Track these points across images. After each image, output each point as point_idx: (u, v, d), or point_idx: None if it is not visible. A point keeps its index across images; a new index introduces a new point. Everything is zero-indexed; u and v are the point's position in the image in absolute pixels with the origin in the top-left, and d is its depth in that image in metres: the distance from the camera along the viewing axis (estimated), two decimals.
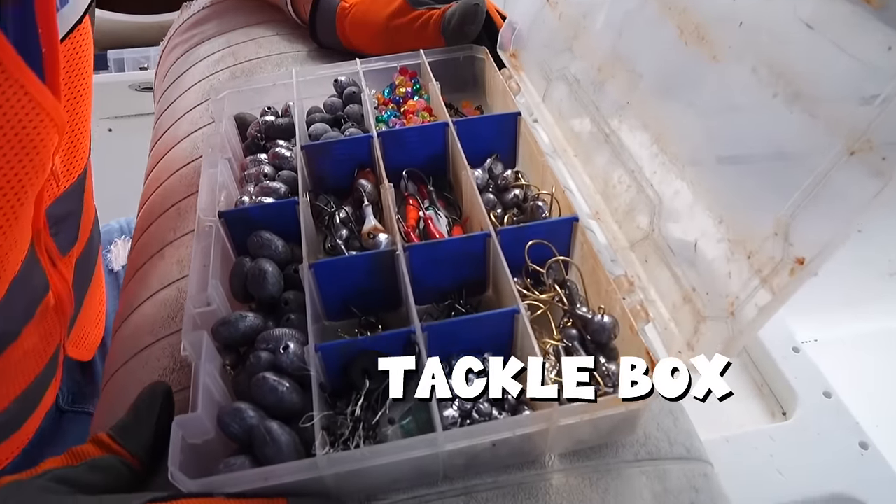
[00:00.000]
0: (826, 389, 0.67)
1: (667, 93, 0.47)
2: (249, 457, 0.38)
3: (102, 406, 0.54)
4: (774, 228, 0.37)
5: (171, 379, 0.50)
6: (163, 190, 0.68)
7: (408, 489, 0.40)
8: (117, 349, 0.56)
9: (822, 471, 0.61)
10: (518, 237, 0.47)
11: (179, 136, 0.72)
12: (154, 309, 0.56)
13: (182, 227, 0.62)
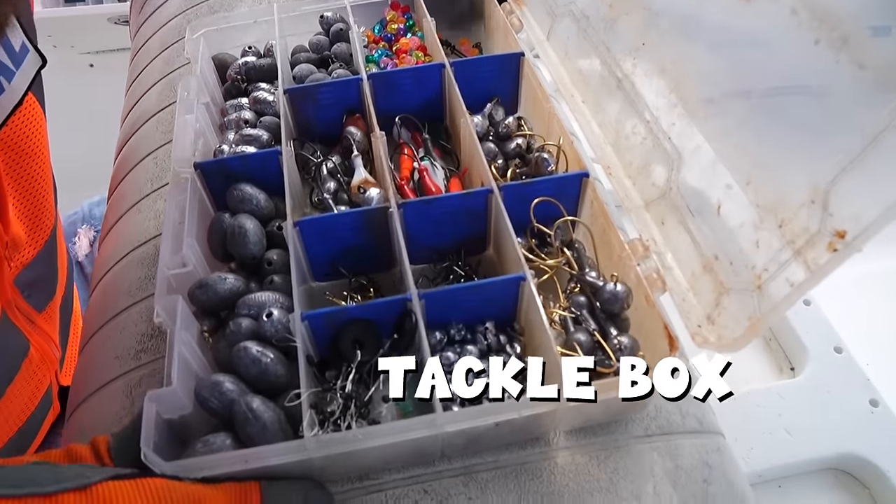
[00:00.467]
0: (837, 344, 0.65)
1: (689, 34, 0.43)
2: (231, 434, 0.36)
3: (79, 373, 0.51)
4: (811, 195, 0.33)
5: (148, 346, 0.47)
6: (138, 137, 0.63)
7: (403, 469, 0.38)
8: (94, 312, 0.53)
9: (831, 430, 0.59)
10: (522, 194, 0.43)
11: (155, 78, 0.67)
12: (130, 268, 0.52)
13: (159, 177, 0.58)
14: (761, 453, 0.59)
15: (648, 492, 0.38)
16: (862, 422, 0.61)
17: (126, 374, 0.46)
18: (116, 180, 0.63)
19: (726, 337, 0.36)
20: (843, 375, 0.64)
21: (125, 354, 0.47)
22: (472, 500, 0.37)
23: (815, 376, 0.64)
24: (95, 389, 0.47)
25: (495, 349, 0.39)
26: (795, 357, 0.67)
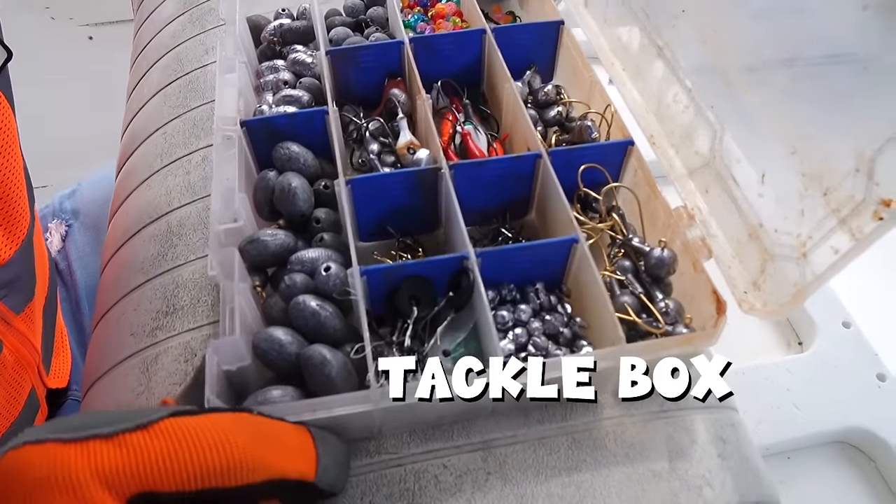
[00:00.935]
0: (845, 319, 0.68)
1: (730, 1, 0.44)
2: (292, 386, 0.37)
3: (94, 350, 0.51)
4: (856, 164, 0.35)
5: (163, 323, 0.47)
6: (146, 112, 0.63)
7: (422, 441, 0.39)
8: (107, 288, 0.53)
9: (838, 404, 0.62)
10: (569, 160, 0.44)
11: (161, 52, 0.67)
12: (142, 245, 0.53)
13: (169, 152, 0.57)
14: (769, 427, 0.61)
15: (665, 468, 0.40)
16: (869, 396, 0.63)
17: (142, 350, 0.47)
18: (125, 156, 0.63)
19: (772, 303, 0.38)
20: (850, 350, 0.66)
21: (140, 331, 0.48)
22: (490, 475, 0.38)
23: (822, 351, 0.67)
24: (111, 366, 0.48)
25: (547, 308, 0.41)
26: (803, 331, 0.70)
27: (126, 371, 0.45)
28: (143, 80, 0.66)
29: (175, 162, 0.56)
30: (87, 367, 0.51)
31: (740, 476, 0.40)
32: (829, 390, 0.63)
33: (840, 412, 0.62)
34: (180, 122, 0.58)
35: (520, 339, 0.39)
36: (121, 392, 0.45)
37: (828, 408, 0.62)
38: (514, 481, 0.38)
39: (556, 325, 0.39)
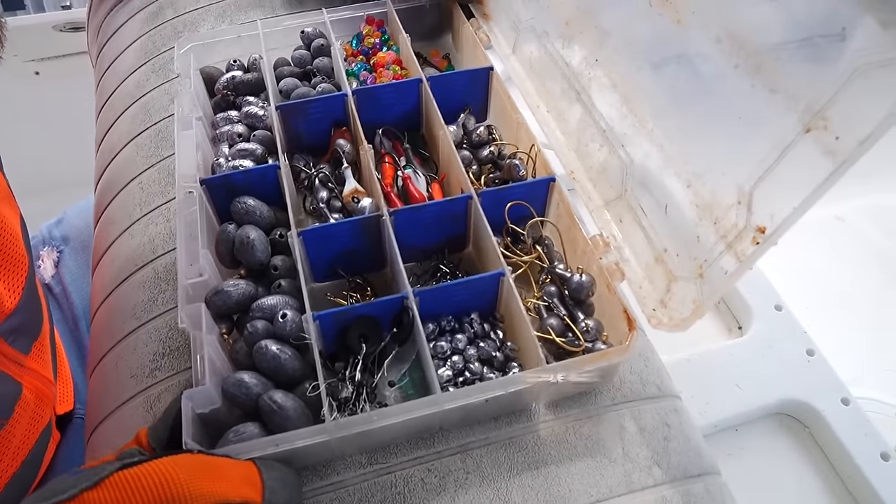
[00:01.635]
0: (777, 302, 0.74)
1: (634, 53, 0.50)
2: (257, 423, 0.42)
3: (94, 394, 0.55)
4: (738, 197, 0.41)
5: (161, 364, 0.52)
6: (119, 162, 0.67)
7: (408, 450, 0.44)
8: (100, 334, 0.57)
9: (775, 380, 0.68)
10: (498, 198, 0.50)
11: (127, 102, 0.71)
12: (132, 291, 0.57)
13: (148, 202, 0.62)
14: (716, 406, 0.68)
15: (619, 453, 0.45)
16: (800, 370, 0.70)
17: (144, 391, 0.51)
18: (102, 206, 0.66)
19: (676, 318, 0.44)
20: (783, 330, 0.73)
21: (140, 373, 0.52)
22: (469, 473, 0.44)
23: (759, 333, 0.73)
24: (115, 408, 0.52)
25: (481, 336, 0.46)
26: (741, 316, 0.76)
27: (130, 411, 0.50)
28: (112, 130, 0.70)
29: (154, 210, 0.60)
30: (88, 411, 0.55)
31: (684, 454, 0.46)
32: (766, 368, 0.70)
33: (776, 387, 0.69)
34: (155, 171, 0.63)
35: (457, 365, 0.44)
36: (127, 431, 0.49)
37: (766, 384, 0.69)
38: (490, 478, 0.43)
39: (490, 351, 0.45)
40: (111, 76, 0.76)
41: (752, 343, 0.72)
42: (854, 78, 0.34)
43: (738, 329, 0.76)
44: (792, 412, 0.69)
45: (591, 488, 0.44)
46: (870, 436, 0.65)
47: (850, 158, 0.34)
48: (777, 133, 0.38)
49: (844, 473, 0.65)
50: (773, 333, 0.72)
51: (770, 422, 0.70)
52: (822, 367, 0.70)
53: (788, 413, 0.69)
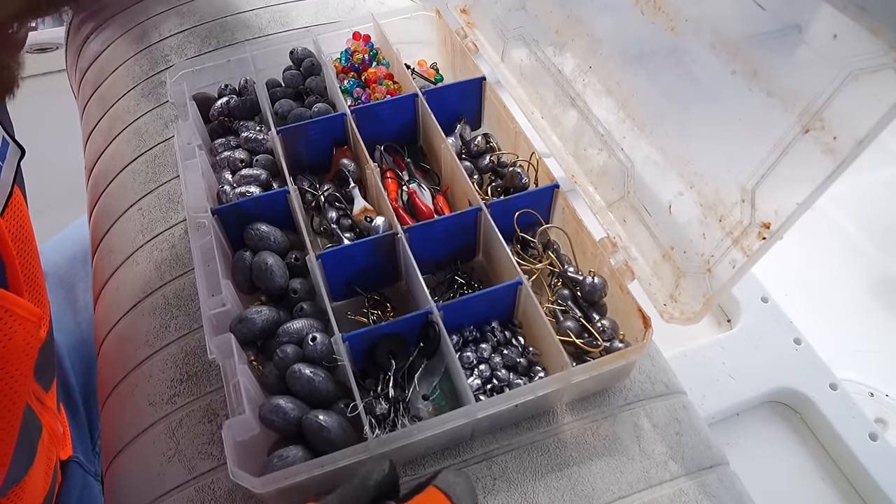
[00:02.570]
0: (763, 295, 0.78)
1: (629, 60, 0.52)
2: (299, 445, 0.43)
3: (109, 424, 0.56)
4: (741, 195, 0.43)
5: (180, 390, 0.52)
6: (115, 189, 0.67)
7: (437, 460, 0.46)
8: (110, 362, 0.58)
9: (765, 369, 0.72)
10: (505, 208, 0.52)
11: (118, 127, 0.71)
12: (143, 319, 0.57)
13: (150, 228, 0.62)
14: (712, 399, 0.71)
15: (636, 451, 0.48)
16: (789, 359, 0.74)
17: (164, 417, 0.52)
18: (100, 233, 0.67)
19: (687, 311, 0.46)
20: (770, 321, 0.77)
21: (159, 400, 0.53)
22: (496, 479, 0.46)
23: (747, 325, 0.77)
24: (135, 436, 0.52)
25: (503, 343, 0.48)
26: (730, 310, 0.80)
27: (152, 438, 0.51)
28: (105, 156, 0.70)
29: (158, 236, 0.61)
30: (106, 439, 0.56)
31: (695, 447, 0.49)
32: (756, 359, 0.74)
33: (767, 376, 0.72)
34: (154, 197, 0.63)
35: (484, 374, 0.46)
36: (150, 457, 0.50)
37: (757, 374, 0.72)
38: (516, 482, 0.45)
39: (514, 357, 0.47)
40: (97, 101, 0.75)
41: (741, 335, 0.76)
42: (848, 82, 0.37)
43: (728, 322, 0.80)
44: (783, 399, 0.73)
45: (612, 486, 0.46)
46: (857, 418, 0.69)
47: (850, 157, 0.37)
48: (776, 134, 0.41)
49: (836, 454, 0.69)
50: (761, 325, 0.76)
51: (764, 409, 0.73)
52: (809, 355, 0.74)
53: (780, 400, 0.73)
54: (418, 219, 0.54)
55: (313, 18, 0.76)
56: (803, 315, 0.77)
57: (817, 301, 0.89)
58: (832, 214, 1.11)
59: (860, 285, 1.02)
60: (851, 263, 1.05)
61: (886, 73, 0.35)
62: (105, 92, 0.75)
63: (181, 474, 0.49)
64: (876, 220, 1.11)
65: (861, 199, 1.07)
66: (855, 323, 0.93)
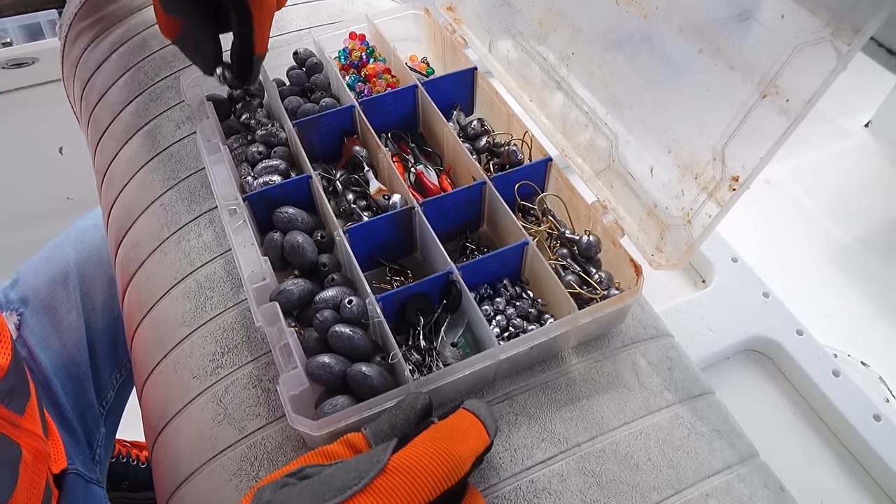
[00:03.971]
0: (733, 255, 0.87)
1: (607, 45, 0.60)
2: (345, 395, 0.50)
3: (153, 400, 0.61)
4: (713, 155, 0.52)
5: (222, 362, 0.58)
6: (134, 188, 0.73)
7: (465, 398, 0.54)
8: (148, 345, 0.63)
9: (739, 321, 0.81)
10: (506, 181, 0.59)
11: (130, 131, 0.77)
12: (177, 302, 0.63)
13: (175, 220, 0.68)
14: (693, 349, 0.80)
15: (636, 384, 0.56)
16: (759, 310, 0.83)
17: (210, 387, 0.57)
18: (121, 230, 0.72)
19: (672, 259, 0.55)
20: (740, 278, 0.86)
21: (202, 373, 0.58)
22: (518, 415, 0.53)
23: (721, 283, 0.86)
24: (182, 407, 0.58)
25: (515, 297, 0.56)
26: (704, 271, 0.89)
27: (200, 406, 0.57)
28: (118, 160, 0.76)
29: (184, 227, 0.67)
30: (149, 417, 0.61)
31: (686, 379, 0.57)
32: (730, 312, 0.83)
33: (741, 327, 0.81)
34: (175, 192, 0.69)
35: (501, 323, 0.54)
36: (200, 423, 0.56)
37: (732, 325, 0.82)
38: (535, 416, 0.53)
39: (525, 308, 0.55)
40: (105, 108, 0.81)
41: (716, 292, 0.85)
42: (795, 53, 0.45)
43: (703, 283, 0.89)
44: (757, 347, 0.82)
45: (618, 414, 0.54)
46: (822, 358, 0.79)
47: (801, 115, 0.45)
48: (739, 100, 0.49)
49: (805, 391, 0.79)
50: (733, 282, 0.85)
51: (740, 357, 0.82)
52: (777, 306, 0.83)
53: (754, 348, 0.82)
54: (427, 196, 0.61)
55: (307, 21, 0.82)
56: (771, 272, 0.86)
57: (780, 261, 0.98)
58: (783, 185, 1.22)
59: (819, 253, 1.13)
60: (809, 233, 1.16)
61: (825, 45, 0.44)
62: (112, 98, 0.81)
63: (232, 435, 0.55)
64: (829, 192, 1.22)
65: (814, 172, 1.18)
66: (814, 288, 1.03)
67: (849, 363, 1.17)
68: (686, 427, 0.53)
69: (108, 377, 0.94)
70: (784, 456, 0.74)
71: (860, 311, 1.13)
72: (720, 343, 0.80)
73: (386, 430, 0.44)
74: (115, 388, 0.95)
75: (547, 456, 0.51)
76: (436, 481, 0.38)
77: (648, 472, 0.51)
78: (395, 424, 0.44)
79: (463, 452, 0.41)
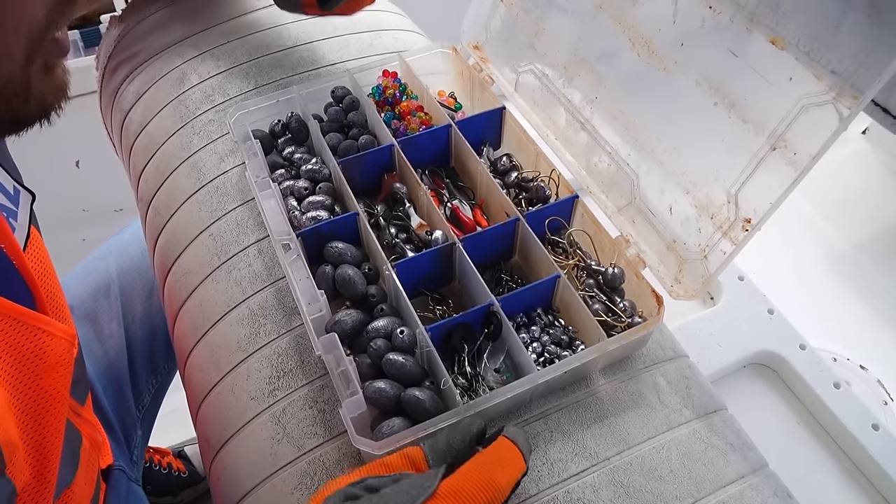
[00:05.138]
0: (740, 275, 0.95)
1: (629, 92, 0.67)
2: (399, 417, 0.57)
3: (210, 420, 0.67)
4: (727, 198, 0.59)
5: (279, 385, 0.65)
6: (182, 218, 0.79)
7: (504, 420, 0.61)
8: (203, 367, 0.70)
9: (746, 337, 0.89)
10: (537, 217, 0.67)
11: (174, 163, 0.83)
12: (231, 328, 0.70)
13: (224, 250, 0.74)
14: (704, 364, 0.88)
15: (657, 402, 0.63)
16: (765, 326, 0.91)
17: (268, 408, 0.64)
18: (170, 258, 0.78)
19: (690, 290, 0.62)
20: (746, 296, 0.94)
21: (260, 395, 0.65)
22: (553, 432, 0.60)
23: (728, 301, 0.94)
24: (240, 427, 0.65)
25: (548, 325, 0.63)
26: (713, 290, 0.96)
27: (259, 426, 0.64)
28: (163, 189, 0.82)
29: (234, 257, 0.73)
30: (207, 434, 0.68)
31: (702, 397, 0.64)
32: (737, 328, 0.90)
33: (748, 342, 0.89)
34: (223, 223, 0.76)
35: (537, 350, 0.61)
36: (260, 442, 0.63)
37: (739, 341, 0.89)
38: (568, 433, 0.60)
39: (558, 335, 0.62)
40: (146, 139, 0.87)
41: (724, 309, 0.93)
42: (801, 113, 0.53)
43: (711, 300, 0.97)
44: (763, 360, 0.90)
45: (642, 430, 0.61)
46: (824, 371, 0.86)
47: (807, 168, 0.53)
48: (751, 150, 0.56)
49: (807, 402, 0.87)
50: (739, 300, 0.93)
51: (747, 371, 0.91)
52: (781, 322, 0.91)
53: (760, 362, 0.90)
54: (462, 229, 0.68)
55: (339, 55, 0.89)
56: (774, 289, 0.94)
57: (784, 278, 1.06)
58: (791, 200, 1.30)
59: (818, 259, 1.21)
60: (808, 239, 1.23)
61: (828, 107, 0.51)
62: (154, 130, 0.88)
63: (291, 452, 0.62)
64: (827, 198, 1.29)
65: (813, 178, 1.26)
66: (814, 294, 1.12)
67: (848, 367, 1.26)
68: (703, 441, 0.61)
69: (144, 383, 1.03)
70: (790, 464, 0.82)
71: (859, 316, 1.22)
72: (729, 357, 0.88)
73: (443, 447, 0.51)
74: (151, 393, 1.04)
75: (580, 469, 0.58)
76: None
77: (671, 482, 0.58)
78: (451, 444, 0.51)
79: (503, 481, 0.48)
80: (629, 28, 0.66)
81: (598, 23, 0.69)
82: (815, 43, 0.52)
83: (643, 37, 0.65)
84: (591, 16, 0.70)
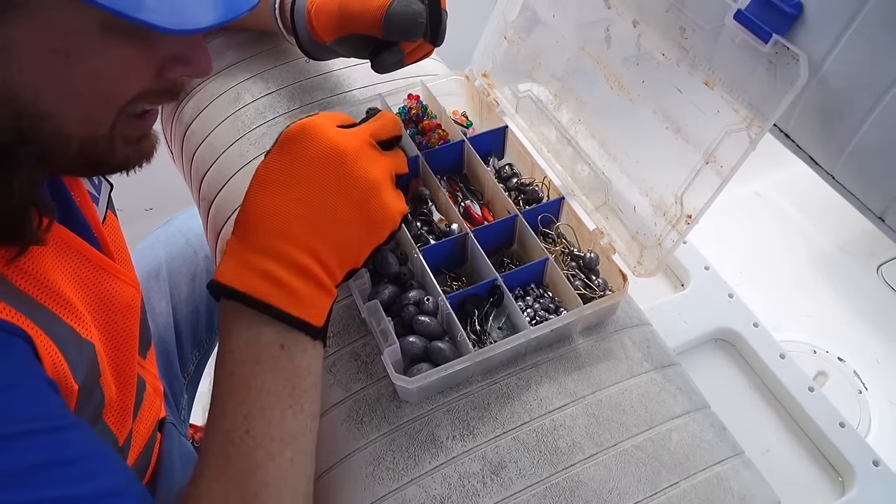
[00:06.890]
0: (705, 264, 1.17)
1: (605, 117, 0.90)
2: (427, 363, 0.80)
3: None
4: (675, 199, 0.82)
5: (330, 343, 0.88)
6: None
7: (505, 370, 0.83)
8: None
9: (708, 316, 1.12)
10: (532, 214, 0.89)
11: (233, 169, 1.04)
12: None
13: None
14: (672, 337, 1.10)
15: (623, 356, 0.85)
16: (725, 307, 1.14)
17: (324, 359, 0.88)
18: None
19: (649, 269, 0.84)
20: (711, 282, 1.17)
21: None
22: (542, 377, 0.82)
23: (695, 286, 1.16)
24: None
25: (539, 297, 0.86)
26: (682, 276, 1.19)
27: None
28: (223, 191, 1.03)
29: None
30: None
31: (659, 354, 0.86)
32: (702, 309, 1.13)
33: (710, 320, 1.12)
34: None
35: (530, 314, 0.84)
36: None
37: (703, 320, 1.12)
38: (554, 378, 0.82)
39: (547, 304, 0.85)
40: (207, 149, 1.10)
41: (691, 294, 1.16)
42: (725, 136, 0.76)
43: (682, 286, 1.19)
44: (723, 336, 1.13)
45: (611, 376, 0.84)
46: (772, 346, 1.09)
47: (728, 177, 0.75)
48: (691, 164, 0.79)
49: (757, 369, 1.09)
50: (704, 285, 1.16)
51: (709, 345, 1.13)
52: (739, 305, 1.14)
53: (721, 337, 1.13)
54: (474, 223, 0.91)
55: (368, 79, 1.12)
56: (735, 276, 1.17)
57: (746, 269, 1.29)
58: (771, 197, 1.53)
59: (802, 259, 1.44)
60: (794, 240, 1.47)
61: (742, 132, 0.74)
62: (214, 141, 1.10)
63: (340, 393, 0.84)
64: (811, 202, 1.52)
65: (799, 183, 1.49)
66: (798, 290, 1.35)
67: (827, 359, 1.51)
68: (658, 385, 0.84)
69: (189, 354, 1.26)
70: (741, 419, 1.04)
71: (838, 311, 1.45)
72: (694, 333, 1.10)
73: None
74: (195, 363, 1.28)
75: (562, 404, 0.81)
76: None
77: (631, 415, 0.81)
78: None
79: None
80: (605, 66, 0.89)
81: (581, 61, 0.92)
82: (735, 85, 0.74)
83: (615, 74, 0.88)
84: (576, 55, 0.92)
